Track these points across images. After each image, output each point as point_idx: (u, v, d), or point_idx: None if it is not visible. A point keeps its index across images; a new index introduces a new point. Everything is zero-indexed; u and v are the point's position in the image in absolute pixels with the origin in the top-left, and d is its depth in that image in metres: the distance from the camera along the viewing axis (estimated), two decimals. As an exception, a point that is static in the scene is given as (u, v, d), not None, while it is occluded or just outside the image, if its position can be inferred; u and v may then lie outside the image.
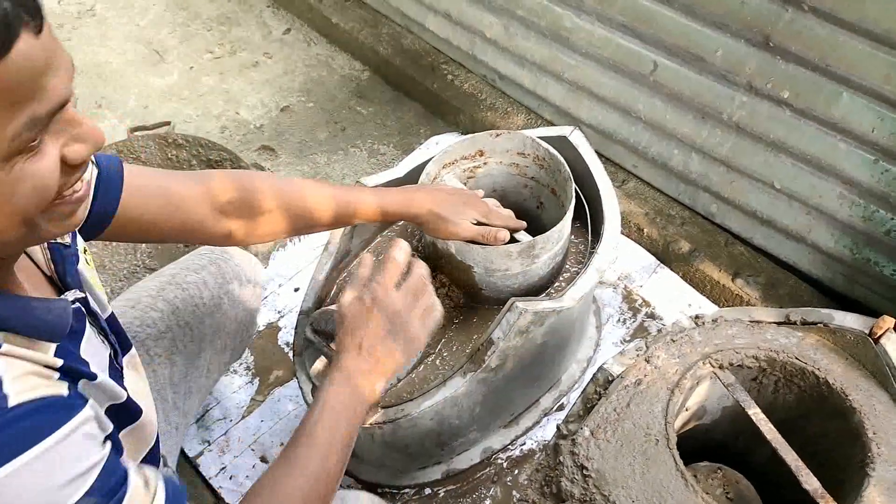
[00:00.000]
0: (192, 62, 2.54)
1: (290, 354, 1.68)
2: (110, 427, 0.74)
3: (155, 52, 2.58)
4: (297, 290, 1.79)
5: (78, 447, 0.64)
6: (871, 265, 1.52)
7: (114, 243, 1.85)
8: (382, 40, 2.41)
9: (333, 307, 1.22)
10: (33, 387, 0.63)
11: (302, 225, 1.12)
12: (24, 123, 0.56)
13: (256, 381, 1.63)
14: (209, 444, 1.53)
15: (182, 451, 1.49)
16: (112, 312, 0.90)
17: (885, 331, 1.12)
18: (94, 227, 0.92)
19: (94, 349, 0.78)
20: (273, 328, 1.73)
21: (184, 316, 1.20)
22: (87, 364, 0.74)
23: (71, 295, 0.77)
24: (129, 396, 0.81)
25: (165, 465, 1.06)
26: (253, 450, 1.52)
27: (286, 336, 1.71)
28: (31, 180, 0.59)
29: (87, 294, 0.82)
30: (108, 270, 1.81)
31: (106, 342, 0.83)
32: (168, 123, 2.04)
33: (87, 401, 0.69)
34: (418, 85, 2.30)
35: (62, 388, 0.67)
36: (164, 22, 2.71)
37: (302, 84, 2.44)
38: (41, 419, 0.62)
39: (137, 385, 0.90)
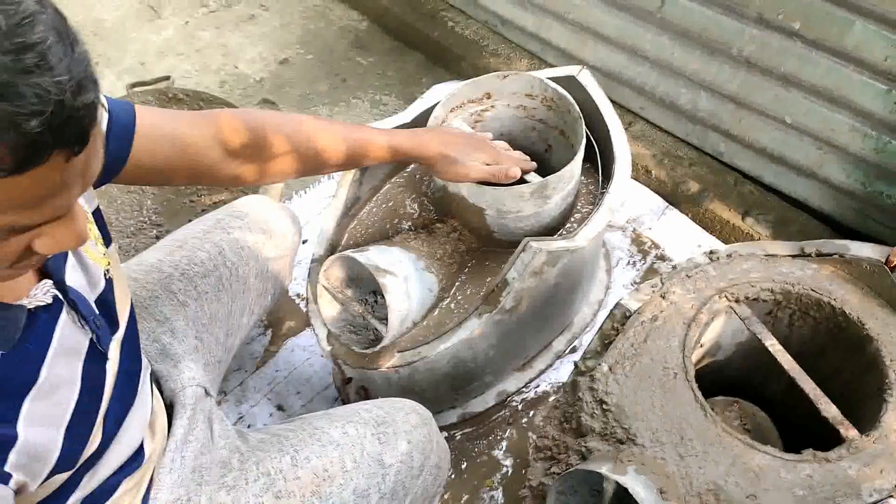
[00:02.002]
0: (187, 17, 2.50)
1: (302, 306, 1.68)
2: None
3: (150, 7, 2.54)
4: (304, 242, 1.78)
5: None
6: (884, 198, 1.50)
7: (119, 201, 1.85)
8: (380, -12, 2.36)
9: (347, 252, 1.21)
10: None
11: (312, 165, 1.10)
12: (3, 228, 0.53)
13: (269, 332, 1.64)
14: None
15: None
16: (106, 286, 0.82)
17: (902, 259, 1.12)
18: (105, 175, 0.90)
19: (66, 345, 0.73)
20: (283, 280, 1.72)
21: (230, 257, 1.21)
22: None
23: (42, 289, 0.71)
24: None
25: (208, 394, 1.07)
26: (269, 399, 1.53)
27: (297, 287, 1.70)
28: None
29: (73, 276, 0.76)
30: (114, 227, 1.80)
31: (86, 327, 0.76)
32: (168, 78, 2.01)
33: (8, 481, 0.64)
34: (419, 33, 2.26)
35: None
36: (157, -23, 2.66)
37: (300, 36, 2.40)
38: None
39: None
